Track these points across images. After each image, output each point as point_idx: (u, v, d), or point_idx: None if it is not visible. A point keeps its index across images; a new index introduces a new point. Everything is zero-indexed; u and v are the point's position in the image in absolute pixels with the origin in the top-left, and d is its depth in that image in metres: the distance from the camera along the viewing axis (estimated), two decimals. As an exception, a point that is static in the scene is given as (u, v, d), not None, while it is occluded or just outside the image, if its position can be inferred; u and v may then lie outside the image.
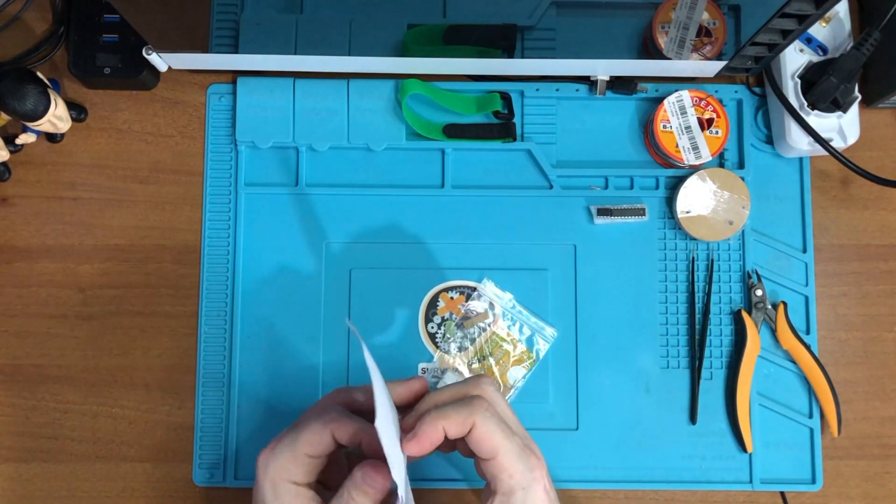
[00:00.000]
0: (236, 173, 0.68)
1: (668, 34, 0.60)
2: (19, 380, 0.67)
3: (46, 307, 0.67)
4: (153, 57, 0.64)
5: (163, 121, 0.69)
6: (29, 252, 0.67)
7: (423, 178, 0.68)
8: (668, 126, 0.66)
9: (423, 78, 0.67)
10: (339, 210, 0.68)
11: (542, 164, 0.67)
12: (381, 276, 0.67)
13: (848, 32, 0.65)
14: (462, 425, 0.48)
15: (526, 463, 0.48)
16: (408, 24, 0.60)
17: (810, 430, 0.66)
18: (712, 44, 0.61)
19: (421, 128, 0.67)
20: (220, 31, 0.61)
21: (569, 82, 0.68)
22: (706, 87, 0.68)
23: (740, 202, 0.66)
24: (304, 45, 0.62)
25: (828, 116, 0.64)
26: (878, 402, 0.67)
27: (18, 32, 0.68)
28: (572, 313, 0.67)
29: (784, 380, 0.67)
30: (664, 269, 0.67)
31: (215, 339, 0.67)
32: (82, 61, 0.66)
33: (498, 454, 0.48)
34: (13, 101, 0.61)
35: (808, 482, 0.66)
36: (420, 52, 0.62)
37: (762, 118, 0.68)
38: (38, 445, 0.66)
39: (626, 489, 0.66)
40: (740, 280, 0.67)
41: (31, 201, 0.68)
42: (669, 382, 0.66)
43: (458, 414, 0.48)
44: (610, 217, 0.67)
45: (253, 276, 0.67)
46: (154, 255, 0.68)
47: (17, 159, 0.68)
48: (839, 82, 0.62)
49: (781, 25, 0.57)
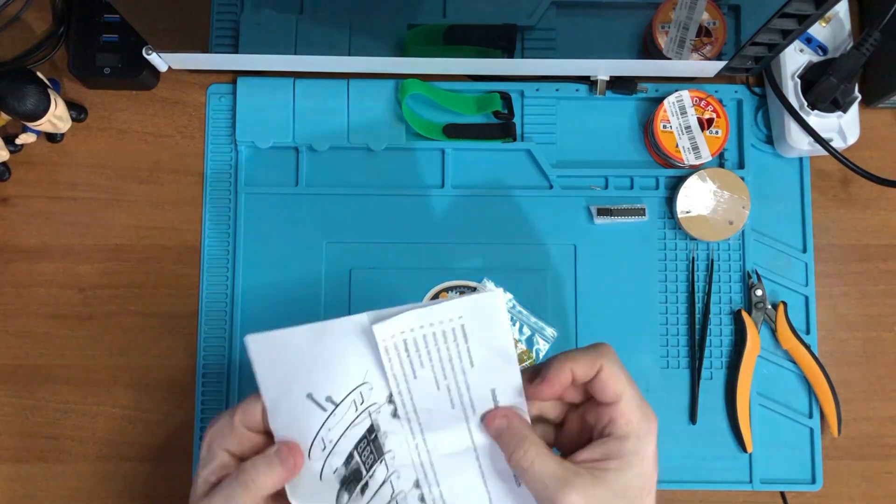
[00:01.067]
0: (236, 173, 0.68)
1: (668, 34, 0.60)
2: (19, 380, 0.67)
3: (46, 307, 0.67)
4: (153, 57, 0.64)
5: (163, 121, 0.69)
6: (29, 252, 0.67)
7: (423, 178, 0.68)
8: (668, 126, 0.66)
9: (423, 78, 0.67)
10: (339, 210, 0.68)
11: (542, 164, 0.67)
12: (381, 276, 0.67)
13: (848, 32, 0.65)
14: (590, 367, 0.48)
15: (644, 413, 0.48)
16: (408, 24, 0.60)
17: (810, 430, 0.66)
18: (712, 44, 0.61)
19: (421, 128, 0.67)
20: (220, 31, 0.61)
21: (569, 82, 0.68)
22: (706, 87, 0.68)
23: (740, 202, 0.66)
24: (304, 45, 0.62)
25: (828, 116, 0.64)
26: (878, 402, 0.67)
27: (18, 32, 0.68)
28: (572, 313, 0.67)
29: (784, 380, 0.67)
30: (664, 269, 0.67)
31: (215, 339, 0.67)
32: (82, 61, 0.66)
33: (621, 399, 0.48)
34: (13, 101, 0.61)
35: (808, 482, 0.66)
36: (420, 52, 0.62)
37: (762, 118, 0.68)
38: (38, 445, 0.66)
39: (626, 489, 0.66)
40: (740, 280, 0.67)
41: (31, 201, 0.68)
42: (669, 382, 0.66)
43: (586, 356, 0.48)
44: (610, 217, 0.67)
45: (253, 276, 0.67)
46: (154, 255, 0.68)
47: (17, 159, 0.68)
48: (839, 82, 0.62)
49: (781, 25, 0.57)
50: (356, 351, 0.47)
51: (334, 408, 0.47)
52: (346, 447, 0.49)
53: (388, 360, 0.46)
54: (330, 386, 0.47)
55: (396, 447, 0.50)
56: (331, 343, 0.46)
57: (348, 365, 0.47)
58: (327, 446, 0.48)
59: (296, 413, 0.47)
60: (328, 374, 0.47)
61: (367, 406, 0.48)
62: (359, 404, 0.48)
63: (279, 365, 0.46)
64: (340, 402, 0.47)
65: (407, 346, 0.46)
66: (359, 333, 0.46)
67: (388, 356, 0.46)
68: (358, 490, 0.50)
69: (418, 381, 0.47)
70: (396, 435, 0.50)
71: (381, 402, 0.49)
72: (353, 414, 0.48)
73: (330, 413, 0.47)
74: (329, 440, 0.48)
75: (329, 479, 0.49)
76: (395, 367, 0.46)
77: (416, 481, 0.51)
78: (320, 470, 0.48)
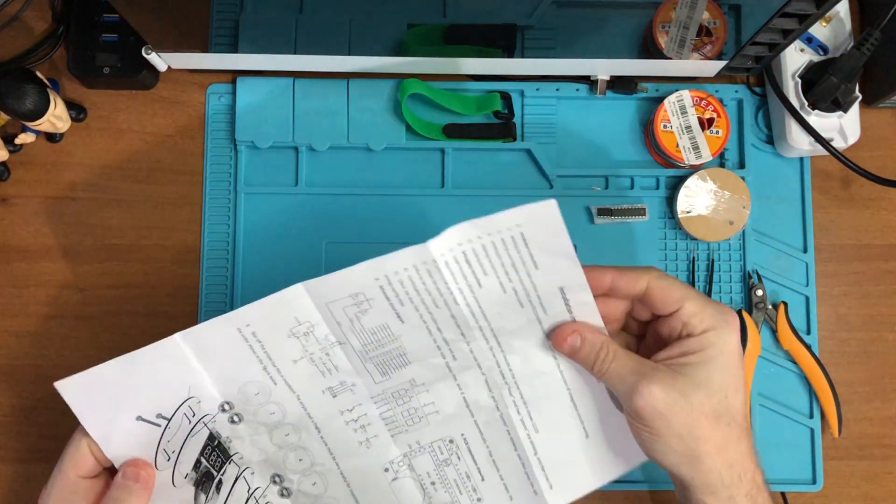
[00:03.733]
0: (236, 173, 0.68)
1: (668, 34, 0.60)
2: (19, 380, 0.67)
3: (46, 307, 0.67)
4: (153, 57, 0.64)
5: (162, 121, 0.69)
6: (29, 252, 0.67)
7: (423, 178, 0.68)
8: (668, 126, 0.65)
9: (422, 78, 0.67)
10: (339, 210, 0.68)
11: (543, 164, 0.67)
12: (381, 276, 0.67)
13: (848, 32, 0.65)
14: (633, 282, 0.48)
15: (718, 309, 0.48)
16: (408, 24, 0.60)
17: (811, 431, 0.66)
18: (713, 43, 0.61)
19: (421, 128, 0.67)
20: (219, 31, 0.61)
21: (569, 82, 0.68)
22: (706, 86, 0.67)
23: (741, 202, 0.66)
24: (304, 45, 0.62)
25: (828, 116, 0.64)
26: (878, 403, 0.67)
27: (18, 32, 0.68)
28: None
29: (784, 380, 0.67)
30: (664, 269, 0.67)
31: (215, 339, 0.67)
32: (82, 61, 0.66)
33: (684, 303, 0.47)
34: (12, 101, 0.61)
35: (809, 482, 0.66)
36: (420, 52, 0.62)
37: (763, 118, 0.68)
38: (39, 445, 0.66)
39: (625, 489, 0.66)
40: (741, 280, 0.67)
41: (31, 201, 0.68)
42: (670, 382, 0.66)
43: (630, 271, 0.48)
44: (610, 217, 0.67)
45: (253, 276, 0.67)
46: (154, 255, 0.68)
47: (17, 159, 0.68)
48: (840, 82, 0.62)
49: (782, 25, 0.57)
50: (174, 370, 0.49)
51: (167, 422, 0.50)
52: (192, 455, 0.51)
53: (451, 274, 0.47)
54: (157, 404, 0.49)
55: (242, 449, 0.52)
56: (145, 369, 0.48)
57: (170, 384, 0.49)
58: (171, 456, 0.50)
59: (131, 435, 0.49)
60: (151, 395, 0.49)
61: (199, 418, 0.50)
62: (191, 417, 0.50)
63: (98, 400, 0.48)
64: (171, 416, 0.50)
65: (467, 257, 0.46)
66: (173, 355, 0.48)
67: (448, 270, 0.46)
68: (213, 488, 0.52)
69: (483, 290, 0.48)
70: (241, 439, 0.52)
71: (213, 412, 0.51)
72: (189, 426, 0.50)
73: (165, 427, 0.50)
74: (172, 451, 0.50)
75: (182, 484, 0.51)
76: (458, 281, 0.47)
77: (272, 476, 0.53)
78: (171, 477, 0.51)
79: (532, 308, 0.49)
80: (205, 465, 0.52)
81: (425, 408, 0.53)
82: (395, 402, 0.52)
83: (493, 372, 0.51)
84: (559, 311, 0.49)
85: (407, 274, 0.46)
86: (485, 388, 0.52)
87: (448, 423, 0.53)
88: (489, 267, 0.47)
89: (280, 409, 0.51)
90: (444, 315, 0.48)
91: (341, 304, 0.47)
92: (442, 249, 0.46)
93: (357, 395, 0.51)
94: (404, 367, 0.51)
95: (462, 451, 0.54)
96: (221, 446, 0.52)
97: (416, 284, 0.47)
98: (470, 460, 0.54)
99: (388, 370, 0.51)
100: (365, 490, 0.54)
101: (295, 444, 0.53)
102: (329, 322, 0.48)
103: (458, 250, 0.46)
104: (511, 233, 0.46)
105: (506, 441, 0.53)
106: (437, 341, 0.50)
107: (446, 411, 0.53)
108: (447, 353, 0.50)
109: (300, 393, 0.51)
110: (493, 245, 0.46)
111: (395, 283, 0.47)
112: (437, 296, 0.47)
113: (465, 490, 0.55)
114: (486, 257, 0.47)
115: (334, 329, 0.48)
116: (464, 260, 0.46)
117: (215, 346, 0.48)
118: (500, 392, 0.52)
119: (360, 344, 0.49)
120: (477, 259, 0.47)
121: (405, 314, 0.48)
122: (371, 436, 0.53)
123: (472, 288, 0.48)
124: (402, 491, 0.55)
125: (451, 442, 0.54)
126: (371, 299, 0.47)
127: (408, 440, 0.54)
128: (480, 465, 0.54)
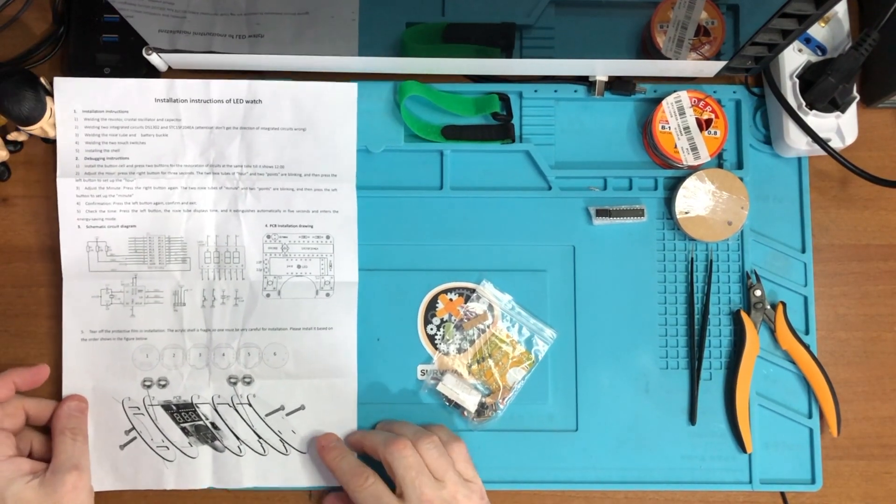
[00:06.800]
0: (236, 174, 0.68)
1: (666, 33, 0.60)
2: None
3: (46, 307, 0.67)
4: (153, 57, 0.64)
5: (162, 121, 0.69)
6: (29, 252, 0.67)
7: (422, 179, 0.68)
8: (666, 127, 0.66)
9: (421, 78, 0.67)
10: (338, 210, 0.68)
11: (541, 166, 0.67)
12: (381, 278, 0.67)
13: (847, 32, 0.65)
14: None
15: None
16: (406, 23, 0.60)
17: (810, 431, 0.66)
18: (711, 43, 0.61)
19: (419, 129, 0.67)
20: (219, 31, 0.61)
21: (567, 83, 0.68)
22: (705, 87, 0.68)
23: (739, 202, 0.66)
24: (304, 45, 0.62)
25: (826, 116, 0.64)
26: (877, 402, 0.67)
27: (18, 33, 0.68)
28: (571, 314, 0.67)
29: (783, 380, 0.67)
30: (663, 269, 0.67)
31: (214, 339, 0.67)
32: (82, 61, 0.67)
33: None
34: (10, 105, 0.61)
35: (808, 482, 0.66)
36: (419, 51, 0.63)
37: (761, 118, 0.68)
38: (37, 446, 0.66)
39: (625, 490, 0.66)
40: (739, 280, 0.67)
41: (31, 201, 0.68)
42: (669, 383, 0.66)
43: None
44: (609, 218, 0.67)
45: (252, 277, 0.67)
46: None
47: (17, 159, 0.68)
48: (838, 82, 0.62)
49: (781, 25, 0.57)
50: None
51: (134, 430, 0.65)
52: (175, 432, 0.64)
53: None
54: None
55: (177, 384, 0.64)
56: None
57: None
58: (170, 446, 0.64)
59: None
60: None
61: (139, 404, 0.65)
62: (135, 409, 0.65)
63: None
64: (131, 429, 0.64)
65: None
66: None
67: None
68: (212, 428, 0.63)
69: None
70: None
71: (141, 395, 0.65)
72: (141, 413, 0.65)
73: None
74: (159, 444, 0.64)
75: (198, 452, 0.63)
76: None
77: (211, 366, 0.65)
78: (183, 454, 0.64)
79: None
80: (188, 426, 0.60)
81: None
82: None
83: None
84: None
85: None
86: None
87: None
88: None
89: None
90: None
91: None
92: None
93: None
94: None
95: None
96: (178, 404, 0.61)
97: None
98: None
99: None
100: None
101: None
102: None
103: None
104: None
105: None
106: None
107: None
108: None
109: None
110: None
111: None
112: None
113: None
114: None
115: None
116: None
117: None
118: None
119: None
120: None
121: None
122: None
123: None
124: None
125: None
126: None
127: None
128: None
